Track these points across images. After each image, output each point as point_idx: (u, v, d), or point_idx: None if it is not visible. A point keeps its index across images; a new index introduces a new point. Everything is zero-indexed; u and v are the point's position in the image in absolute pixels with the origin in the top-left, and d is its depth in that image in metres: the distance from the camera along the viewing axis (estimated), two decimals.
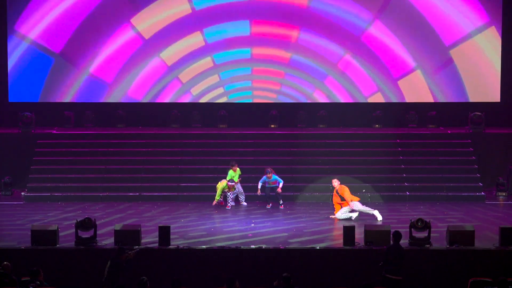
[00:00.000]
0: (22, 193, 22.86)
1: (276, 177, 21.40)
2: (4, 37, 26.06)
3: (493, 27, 25.95)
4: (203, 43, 26.36)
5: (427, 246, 16.35)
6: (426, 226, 16.42)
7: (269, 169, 21.42)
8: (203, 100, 26.66)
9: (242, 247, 16.42)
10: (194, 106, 26.73)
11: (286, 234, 17.94)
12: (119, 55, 26.30)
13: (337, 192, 20.06)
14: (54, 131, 25.39)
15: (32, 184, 23.09)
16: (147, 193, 22.75)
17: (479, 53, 26.11)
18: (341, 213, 19.76)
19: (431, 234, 16.50)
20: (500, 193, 23.24)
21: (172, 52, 26.33)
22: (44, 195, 22.61)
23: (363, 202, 20.34)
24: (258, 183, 21.50)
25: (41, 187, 22.95)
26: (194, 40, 26.26)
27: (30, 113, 25.08)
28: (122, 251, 14.60)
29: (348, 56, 26.23)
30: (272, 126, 26.33)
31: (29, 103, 26.16)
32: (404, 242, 15.76)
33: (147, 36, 26.29)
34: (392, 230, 15.36)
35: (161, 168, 23.70)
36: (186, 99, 26.67)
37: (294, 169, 23.35)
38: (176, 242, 16.64)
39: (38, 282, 13.22)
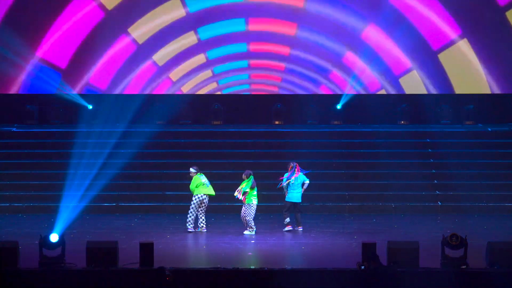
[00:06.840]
0: None
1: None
2: None
3: None
4: (196, 41, 26.72)
5: (463, 267, 16.36)
6: (462, 242, 16.43)
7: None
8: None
9: (240, 267, 16.45)
10: (182, 99, 26.75)
11: (293, 252, 17.96)
12: (114, 63, 26.99)
13: None
14: (14, 129, 25.45)
15: None
16: (125, 203, 22.77)
17: None
18: None
19: (468, 253, 16.52)
20: None
21: (164, 53, 26.95)
22: (2, 206, 22.64)
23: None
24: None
25: None
26: (187, 40, 26.80)
27: None
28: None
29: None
30: (277, 122, 26.37)
31: None
32: (435, 262, 15.79)
33: (141, 41, 26.88)
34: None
35: (142, 173, 23.71)
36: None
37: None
38: (160, 262, 16.68)
39: None
